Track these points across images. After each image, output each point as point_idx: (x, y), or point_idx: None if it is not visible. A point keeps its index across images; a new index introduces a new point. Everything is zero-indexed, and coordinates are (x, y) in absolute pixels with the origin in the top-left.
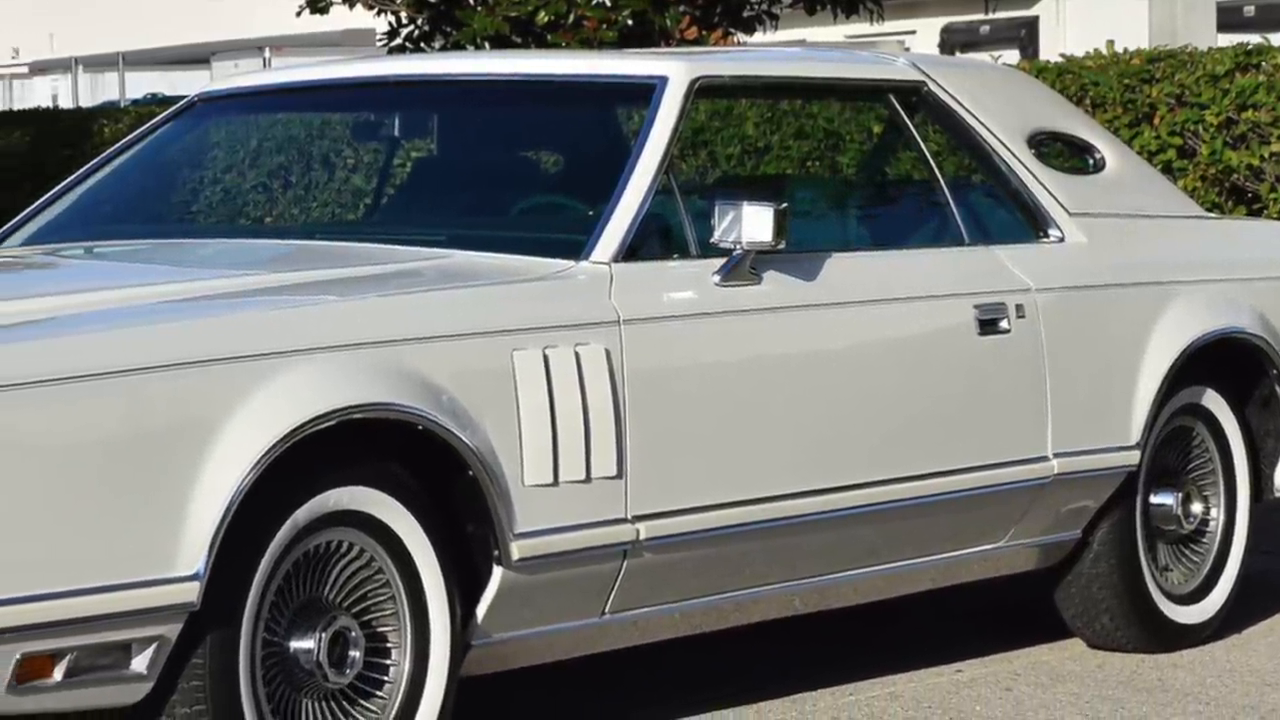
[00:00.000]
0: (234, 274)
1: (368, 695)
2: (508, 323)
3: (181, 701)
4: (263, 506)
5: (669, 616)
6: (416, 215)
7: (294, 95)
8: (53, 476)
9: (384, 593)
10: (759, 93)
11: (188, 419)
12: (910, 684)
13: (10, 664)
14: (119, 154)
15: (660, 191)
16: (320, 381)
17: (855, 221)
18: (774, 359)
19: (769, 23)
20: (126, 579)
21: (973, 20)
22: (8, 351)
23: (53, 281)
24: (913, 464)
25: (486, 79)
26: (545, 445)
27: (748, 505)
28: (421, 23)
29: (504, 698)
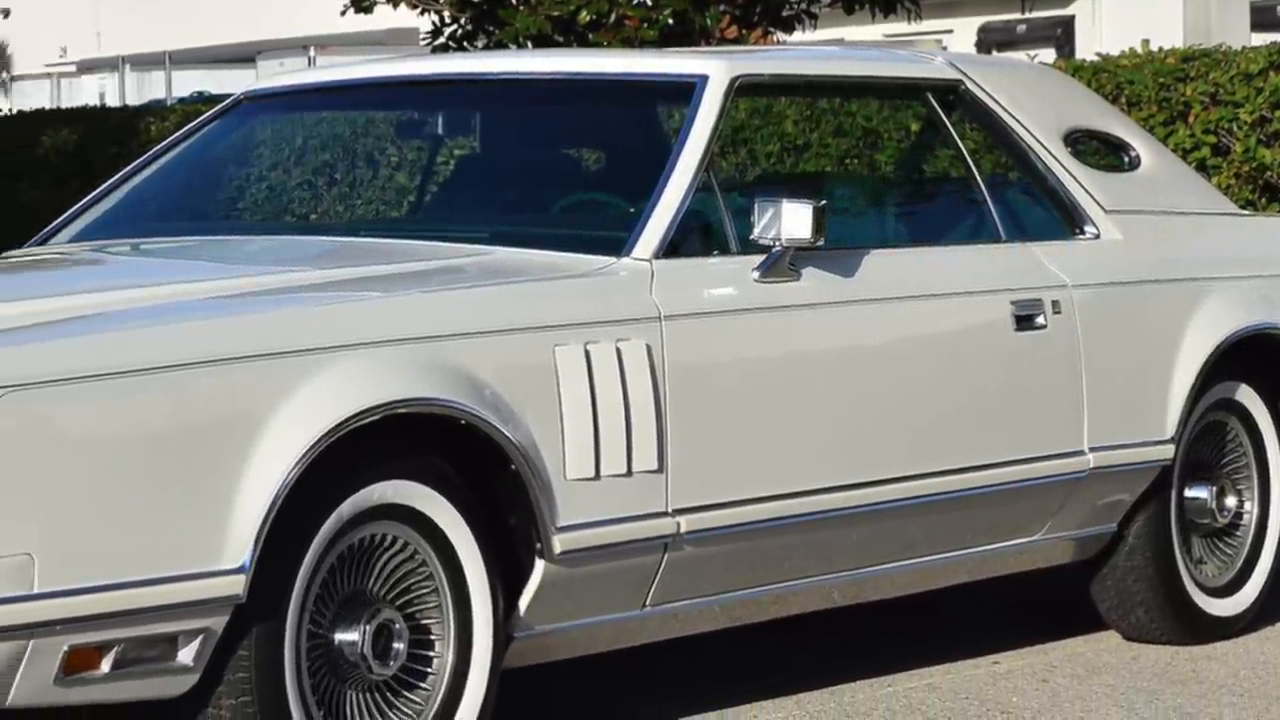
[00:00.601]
0: (279, 270)
1: (411, 687)
2: (550, 319)
3: (227, 693)
4: (308, 500)
5: (709, 609)
6: (459, 212)
7: (338, 94)
8: (100, 471)
9: (427, 585)
10: (798, 91)
11: (234, 414)
12: (948, 675)
13: (58, 656)
14: (165, 152)
15: (700, 189)
16: (365, 377)
17: (893, 218)
18: (813, 354)
19: (808, 22)
20: (173, 572)
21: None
22: (56, 347)
23: (100, 278)
24: (950, 458)
25: (529, 78)
26: (587, 440)
27: (787, 499)
28: (465, 22)
29: (545, 689)
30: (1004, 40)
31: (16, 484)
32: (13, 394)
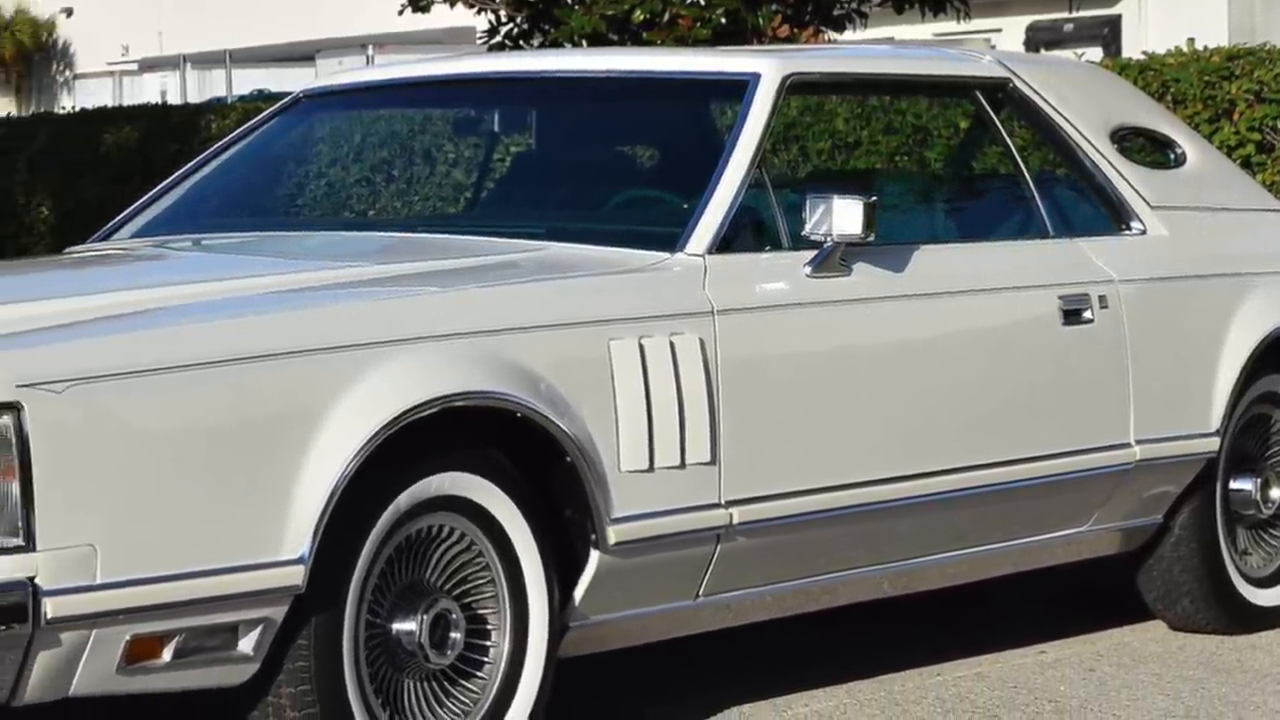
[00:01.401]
0: (338, 266)
1: (468, 676)
2: (605, 313)
3: (287, 682)
4: (366, 492)
5: (760, 599)
6: (515, 208)
7: (396, 92)
8: (162, 463)
9: (484, 576)
10: (849, 89)
11: (293, 407)
12: (996, 665)
13: (120, 645)
14: (226, 149)
15: (753, 185)
16: (422, 370)
17: (942, 214)
18: (863, 348)
19: (859, 21)
20: (234, 562)
21: (1057, 19)
22: (119, 341)
23: (162, 273)
24: (998, 450)
25: (584, 76)
26: (641, 432)
27: (838, 490)
28: (521, 21)
29: (600, 678)
30: (1051, 39)
31: (80, 476)
32: (77, 387)
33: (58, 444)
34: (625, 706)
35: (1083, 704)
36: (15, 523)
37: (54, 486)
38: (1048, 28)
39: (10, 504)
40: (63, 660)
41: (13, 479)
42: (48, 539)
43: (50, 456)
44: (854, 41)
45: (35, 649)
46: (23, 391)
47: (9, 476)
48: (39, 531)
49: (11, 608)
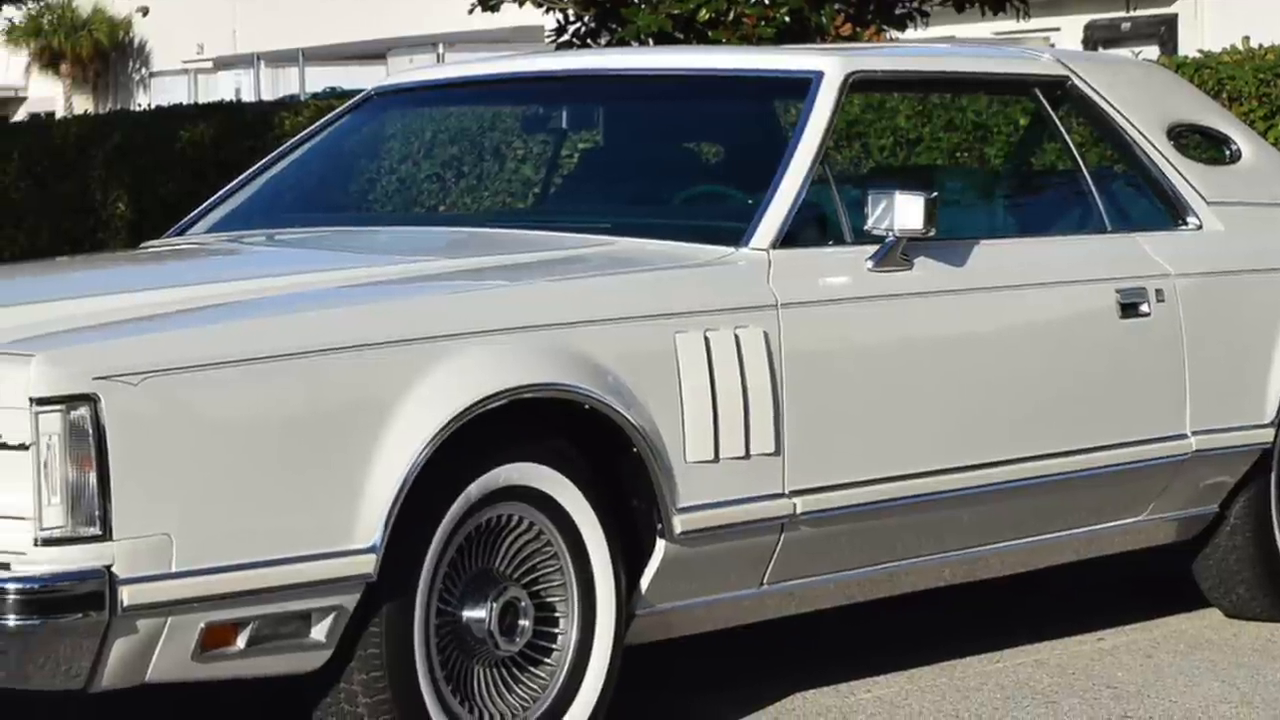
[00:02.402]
0: (409, 260)
1: (536, 662)
2: (671, 306)
3: (359, 668)
4: (437, 482)
5: (824, 587)
6: (583, 204)
7: (466, 89)
8: (236, 453)
9: (552, 564)
10: (910, 87)
11: (365, 398)
12: (1055, 651)
13: (195, 633)
14: (299, 145)
15: (816, 181)
16: (492, 363)
17: (1002, 210)
18: (925, 341)
19: (920, 19)
20: (306, 551)
21: (1114, 17)
22: (194, 335)
23: (236, 267)
24: (1058, 441)
25: (650, 74)
26: (706, 424)
27: (900, 480)
28: (588, 20)
29: (666, 665)
30: (1109, 37)
31: (155, 466)
32: (152, 380)
33: (133, 435)
34: (690, 693)
35: (1140, 690)
36: (92, 512)
37: (130, 477)
38: (1105, 26)
39: (87, 494)
40: (139, 647)
41: (90, 469)
42: (124, 528)
43: (126, 447)
44: (915, 40)
45: (112, 636)
46: (99, 384)
47: (86, 467)
48: (115, 521)
49: (89, 595)
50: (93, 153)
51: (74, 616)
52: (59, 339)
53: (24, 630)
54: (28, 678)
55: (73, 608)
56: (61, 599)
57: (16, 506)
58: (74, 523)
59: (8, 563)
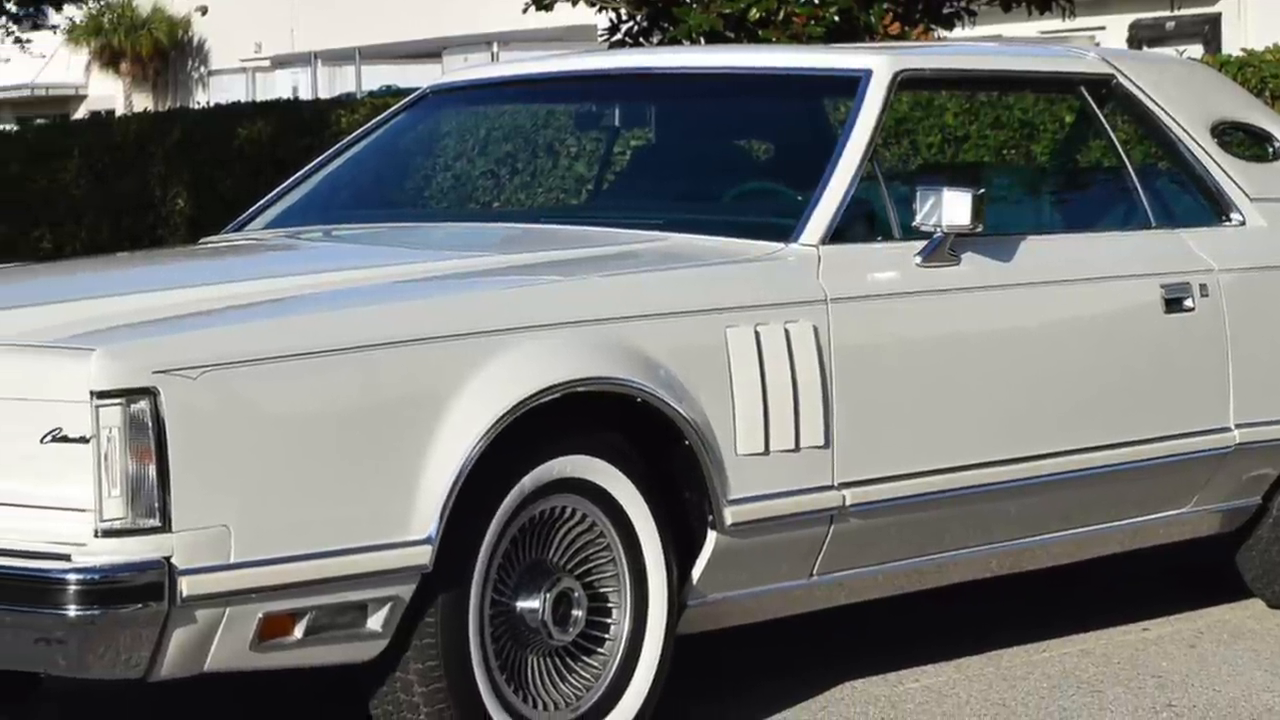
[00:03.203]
0: (464, 255)
1: (589, 652)
2: (722, 301)
3: (415, 658)
4: (491, 474)
5: (872, 577)
6: (635, 200)
7: (520, 87)
8: (294, 446)
9: (605, 556)
10: (958, 85)
11: (420, 392)
12: (1100, 641)
13: (253, 623)
14: (355, 143)
15: (865, 178)
16: (545, 357)
17: (1048, 206)
18: (972, 335)
19: (967, 18)
20: (363, 543)
21: (1159, 16)
22: (252, 329)
23: (293, 263)
24: (1103, 434)
25: (702, 72)
26: (757, 417)
27: (948, 473)
28: (640, 19)
29: (716, 654)
30: (1153, 36)
31: (214, 459)
32: (211, 373)
33: (193, 428)
34: (741, 682)
35: (1184, 679)
36: (152, 504)
37: (189, 469)
38: (1150, 25)
39: (147, 486)
40: (198, 637)
41: (149, 462)
42: (183, 520)
43: (185, 440)
44: (962, 39)
45: (171, 626)
46: (159, 377)
47: (146, 459)
48: (175, 513)
49: (148, 586)
50: (152, 150)
51: (134, 607)
52: (119, 334)
53: (84, 620)
54: (88, 667)
55: (132, 598)
56: (121, 590)
57: (77, 498)
58: (134, 514)
59: (68, 554)
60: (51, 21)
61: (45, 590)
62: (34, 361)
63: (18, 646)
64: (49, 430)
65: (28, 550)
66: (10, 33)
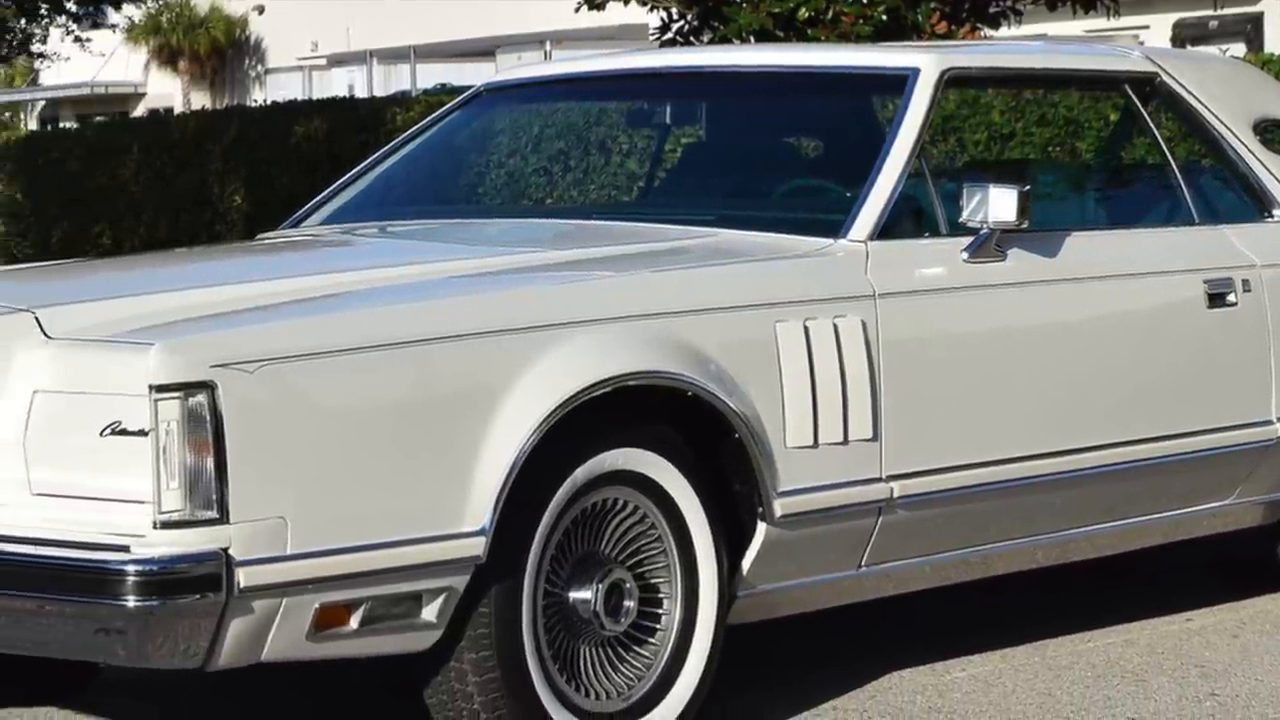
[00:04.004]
0: (517, 251)
1: (641, 642)
2: (771, 296)
3: (469, 648)
4: (544, 467)
5: (920, 569)
6: (686, 197)
7: (573, 85)
8: (349, 439)
9: (656, 547)
10: (1004, 83)
11: (474, 385)
12: (1144, 631)
13: (310, 613)
14: (410, 140)
15: (912, 175)
16: (597, 351)
17: (1093, 202)
18: (1018, 330)
19: (1013, 18)
20: (418, 534)
21: (1202, 16)
22: (308, 324)
23: (349, 258)
24: (1147, 427)
25: (752, 70)
26: (806, 410)
27: (994, 465)
28: (691, 18)
29: (766, 644)
30: (1197, 35)
31: (271, 452)
32: (268, 367)
33: (250, 421)
34: (789, 672)
35: (1227, 669)
36: (210, 496)
37: (246, 462)
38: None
39: (205, 478)
40: (255, 627)
41: (207, 455)
42: (240, 512)
43: (243, 433)
44: (1008, 38)
45: (229, 617)
46: (217, 371)
47: (204, 452)
48: (232, 505)
49: (206, 577)
50: (210, 147)
51: (192, 598)
52: (177, 328)
53: (143, 611)
54: (147, 657)
55: (191, 589)
56: (180, 580)
57: (136, 491)
58: (192, 506)
59: (127, 545)
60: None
61: (105, 581)
62: (94, 356)
63: (78, 637)
64: (109, 423)
65: (87, 542)
66: (70, 32)
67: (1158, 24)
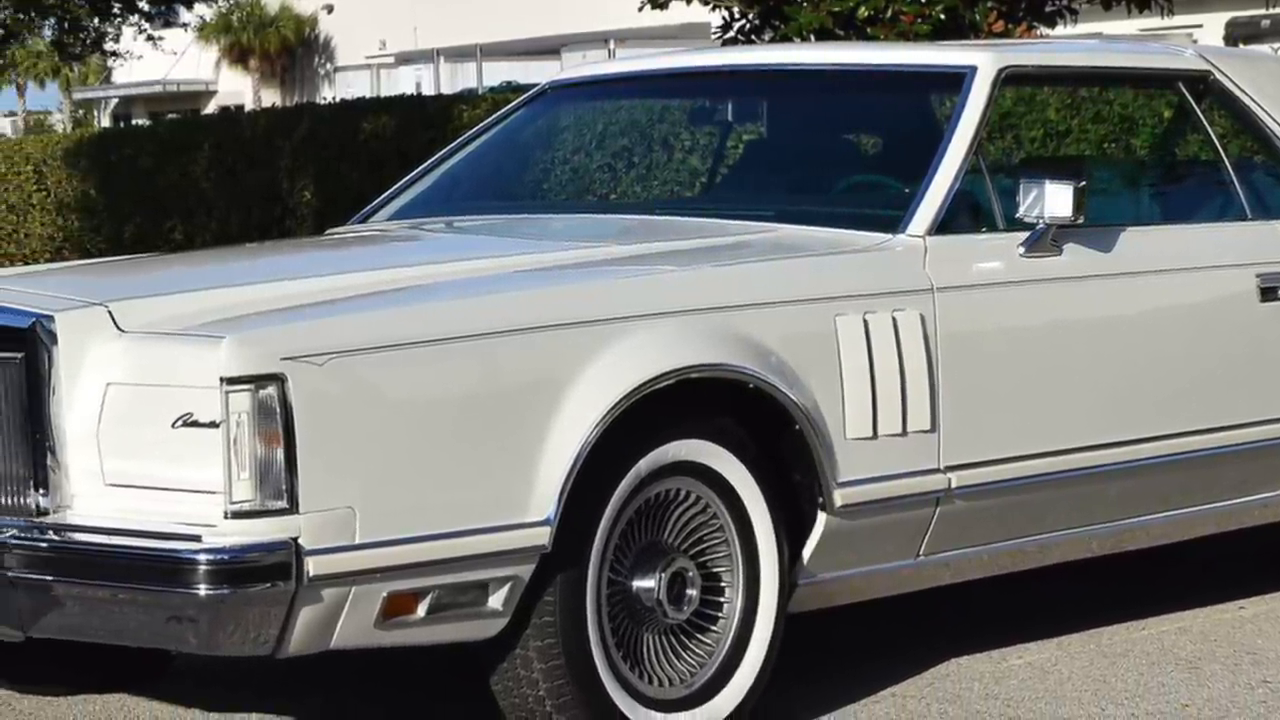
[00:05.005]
0: (581, 246)
1: (703, 630)
2: (831, 290)
3: (534, 636)
4: (608, 458)
5: (977, 558)
6: (747, 193)
7: (636, 83)
8: (416, 431)
9: (718, 536)
10: (1060, 81)
11: (540, 378)
12: (1197, 619)
13: (378, 601)
14: (476, 137)
15: (970, 171)
16: (660, 344)
17: (1147, 198)
18: (1074, 323)
19: (1068, 17)
20: (484, 524)
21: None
22: (376, 317)
23: (416, 253)
24: (1200, 419)
25: (812, 69)
26: (865, 402)
27: (1050, 456)
28: (752, 17)
29: (825, 632)
30: (1249, 34)
31: (339, 443)
32: (337, 360)
33: (319, 413)
34: (848, 660)
35: (1279, 656)
36: (280, 487)
37: (315, 453)
38: (1246, 23)
39: (275, 469)
40: (324, 615)
41: (277, 446)
42: (310, 502)
43: (312, 425)
44: (1064, 36)
45: (298, 605)
46: (287, 364)
47: (274, 443)
48: (302, 495)
49: (276, 566)
50: (280, 144)
51: (262, 586)
52: (248, 322)
53: (214, 599)
54: (218, 644)
55: (261, 578)
56: (250, 569)
57: (207, 481)
58: (262, 496)
59: (199, 535)
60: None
61: (177, 570)
62: (167, 349)
63: (151, 625)
64: (180, 415)
65: (160, 531)
66: (143, 30)
67: (1211, 23)
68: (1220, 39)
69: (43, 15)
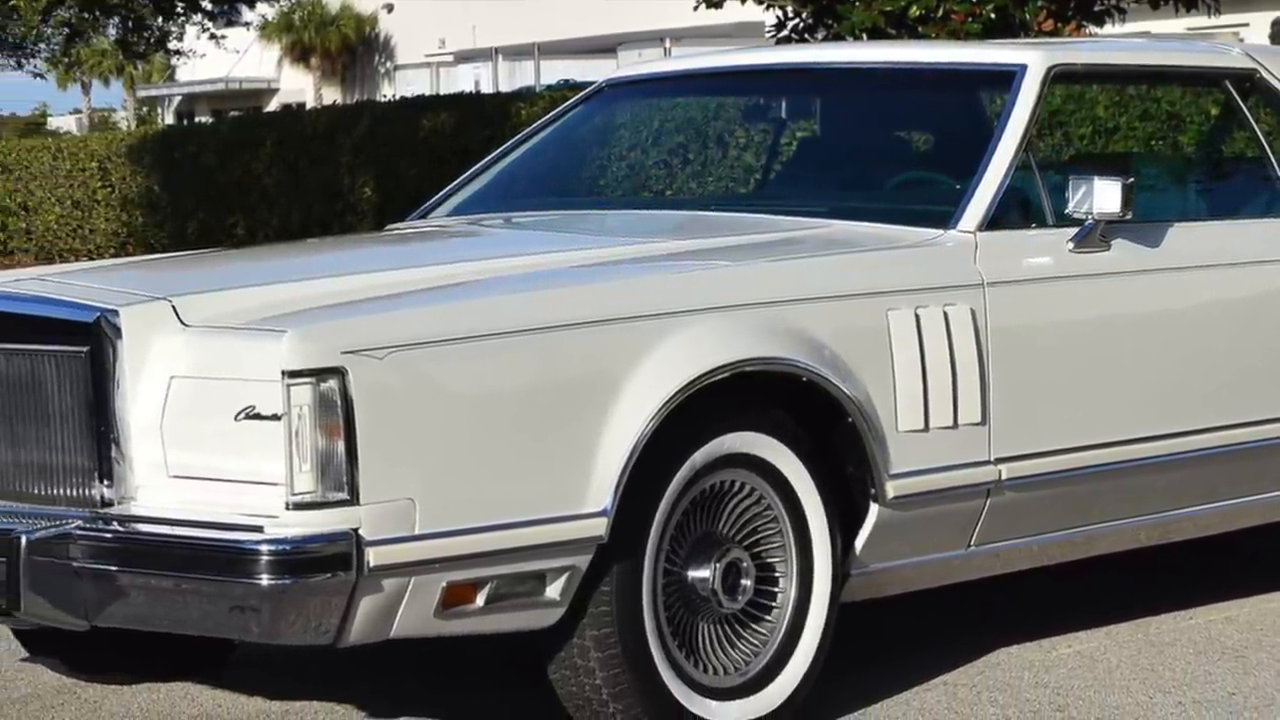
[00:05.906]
0: (637, 241)
1: (757, 619)
2: (883, 285)
3: (591, 625)
4: (664, 450)
5: (1027, 548)
6: (800, 189)
7: (692, 81)
8: (475, 423)
9: (772, 527)
10: (1108, 79)
11: (596, 371)
12: (1243, 609)
13: (437, 591)
14: (534, 134)
15: (1019, 168)
16: (715, 338)
17: (1194, 194)
18: (1122, 318)
19: (1117, 16)
20: (542, 515)
21: None
22: (436, 312)
23: (476, 248)
24: (1247, 411)
25: (865, 67)
26: (917, 395)
27: (1099, 449)
28: (806, 16)
29: (877, 622)
30: None
31: (399, 435)
32: (397, 354)
33: (379, 406)
34: (899, 649)
35: None
36: (341, 478)
37: (376, 445)
38: None
39: (336, 461)
40: (384, 605)
41: (338, 438)
42: (370, 493)
43: (372, 417)
44: (1112, 35)
45: (359, 595)
46: (347, 358)
47: (335, 436)
48: (362, 486)
49: (337, 556)
50: (340, 141)
51: (323, 576)
52: (309, 316)
53: (276, 589)
54: (280, 634)
55: (322, 568)
56: (312, 560)
57: (269, 473)
58: (323, 488)
59: (261, 525)
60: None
61: (239, 560)
62: (229, 343)
63: (214, 614)
64: (243, 408)
65: (223, 522)
66: (206, 29)
67: (1257, 22)
68: (1266, 37)
69: (107, 14)
